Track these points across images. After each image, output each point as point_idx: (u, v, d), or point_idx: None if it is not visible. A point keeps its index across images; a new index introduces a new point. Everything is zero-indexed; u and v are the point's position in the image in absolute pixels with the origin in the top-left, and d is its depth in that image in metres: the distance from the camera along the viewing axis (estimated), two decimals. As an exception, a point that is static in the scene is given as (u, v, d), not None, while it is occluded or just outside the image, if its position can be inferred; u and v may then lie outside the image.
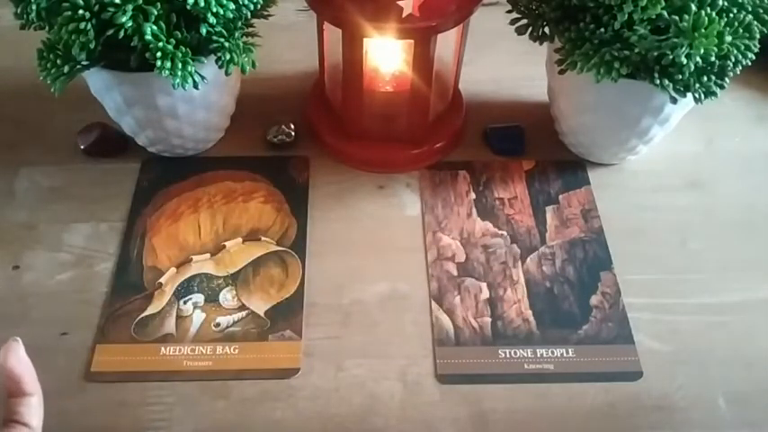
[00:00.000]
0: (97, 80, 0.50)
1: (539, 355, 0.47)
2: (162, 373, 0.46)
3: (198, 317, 0.49)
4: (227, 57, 0.47)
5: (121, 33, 0.43)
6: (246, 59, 0.49)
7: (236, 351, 0.47)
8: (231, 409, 0.44)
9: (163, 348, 0.47)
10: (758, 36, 0.45)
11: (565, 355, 0.47)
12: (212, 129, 0.58)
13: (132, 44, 0.44)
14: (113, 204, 0.55)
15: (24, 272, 0.51)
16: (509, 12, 0.53)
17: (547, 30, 0.51)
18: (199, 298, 0.50)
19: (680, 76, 0.46)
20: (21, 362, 0.35)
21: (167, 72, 0.44)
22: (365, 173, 0.58)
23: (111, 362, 0.46)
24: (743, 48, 0.45)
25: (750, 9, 0.45)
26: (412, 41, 0.50)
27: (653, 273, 0.52)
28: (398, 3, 0.47)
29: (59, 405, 0.42)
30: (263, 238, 0.53)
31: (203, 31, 0.46)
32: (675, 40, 0.43)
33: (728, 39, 0.43)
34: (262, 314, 0.49)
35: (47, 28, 0.47)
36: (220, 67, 0.48)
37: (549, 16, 0.50)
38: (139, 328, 0.48)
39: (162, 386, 0.45)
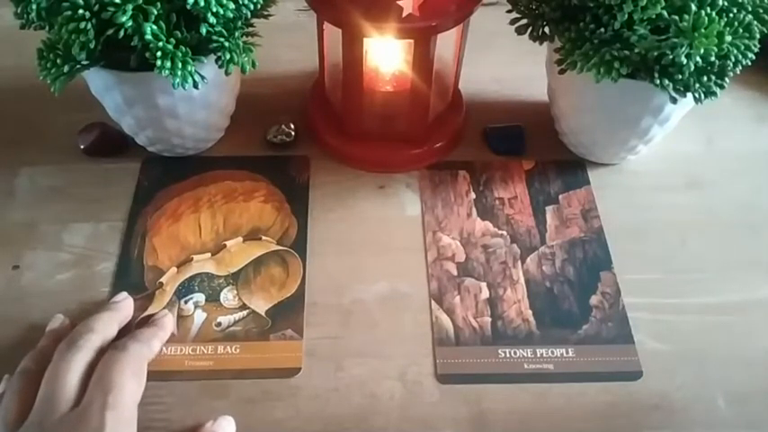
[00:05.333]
0: (97, 80, 0.50)
1: (539, 355, 0.47)
2: (163, 373, 0.46)
3: (199, 316, 0.49)
4: (227, 57, 0.47)
5: (121, 33, 0.43)
6: (246, 59, 0.49)
7: (238, 351, 0.47)
8: (231, 409, 0.44)
9: (164, 348, 0.47)
10: (758, 36, 0.45)
11: (565, 354, 0.47)
12: (212, 128, 0.58)
13: (132, 44, 0.44)
14: (113, 204, 0.55)
15: (24, 272, 0.51)
16: (509, 12, 0.53)
17: (547, 30, 0.51)
18: (200, 297, 0.50)
19: (680, 76, 0.46)
20: None
21: (167, 72, 0.44)
22: (365, 173, 0.58)
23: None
24: (743, 48, 0.45)
25: (750, 9, 0.45)
26: (412, 41, 0.50)
27: (653, 273, 0.52)
28: (398, 3, 0.47)
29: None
30: (263, 238, 0.53)
31: (203, 30, 0.46)
32: (675, 40, 0.43)
33: (728, 39, 0.43)
34: (263, 313, 0.49)
35: (47, 28, 0.47)
36: (220, 66, 0.48)
37: (549, 16, 0.50)
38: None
39: (160, 386, 0.45)
